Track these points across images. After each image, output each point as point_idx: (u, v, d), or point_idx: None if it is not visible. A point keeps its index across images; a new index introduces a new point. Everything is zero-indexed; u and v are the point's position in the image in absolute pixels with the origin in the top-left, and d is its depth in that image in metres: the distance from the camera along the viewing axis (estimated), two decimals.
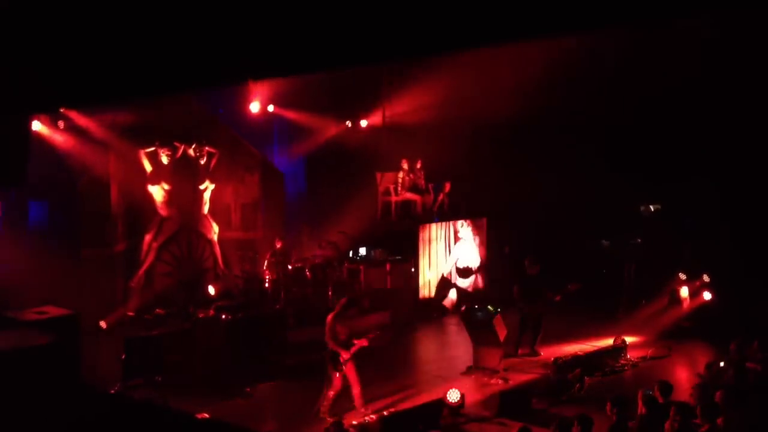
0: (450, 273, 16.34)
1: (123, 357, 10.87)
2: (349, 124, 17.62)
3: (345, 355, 9.50)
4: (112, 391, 10.22)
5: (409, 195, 16.41)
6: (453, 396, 9.76)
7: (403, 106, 17.18)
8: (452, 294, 16.22)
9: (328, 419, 9.28)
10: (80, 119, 13.79)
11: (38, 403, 3.44)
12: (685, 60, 12.92)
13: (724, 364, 9.16)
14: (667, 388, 7.83)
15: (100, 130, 14.10)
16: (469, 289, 16.50)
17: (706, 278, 13.93)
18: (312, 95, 15.92)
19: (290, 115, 16.78)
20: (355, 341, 9.57)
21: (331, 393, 9.62)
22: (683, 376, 11.01)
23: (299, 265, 14.45)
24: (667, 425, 7.00)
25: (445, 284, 16.17)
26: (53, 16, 3.86)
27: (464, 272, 16.58)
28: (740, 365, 8.89)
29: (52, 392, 3.47)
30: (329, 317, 9.67)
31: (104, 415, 3.23)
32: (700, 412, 6.95)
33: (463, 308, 12.61)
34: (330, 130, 17.49)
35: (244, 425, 9.21)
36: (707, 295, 13.81)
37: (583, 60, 13.33)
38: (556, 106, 15.19)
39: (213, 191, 15.47)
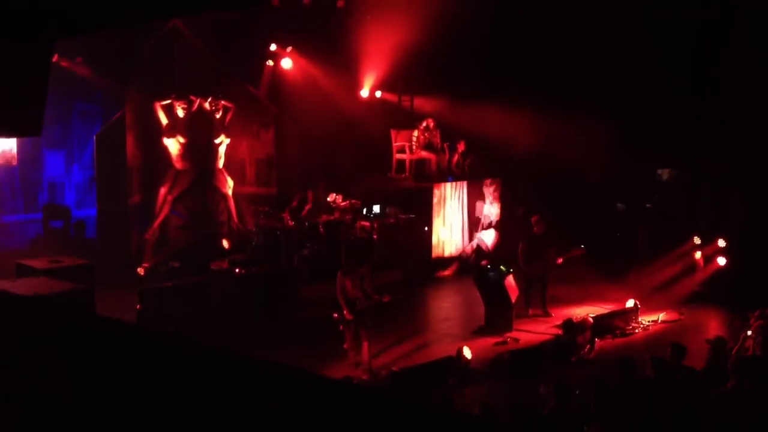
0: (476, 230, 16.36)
1: (138, 308, 10.99)
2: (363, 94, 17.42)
3: (347, 315, 9.53)
4: None
5: (423, 153, 16.31)
6: (464, 354, 9.82)
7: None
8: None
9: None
10: (97, 71, 13.78)
11: (59, 341, 3.48)
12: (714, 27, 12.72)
13: (752, 332, 8.95)
14: (680, 350, 7.78)
15: (116, 81, 14.09)
16: (485, 248, 16.49)
17: (721, 243, 13.84)
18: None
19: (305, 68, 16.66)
20: (370, 297, 9.62)
21: (365, 344, 9.71)
22: (694, 342, 10.98)
23: (314, 221, 14.47)
24: (674, 389, 6.99)
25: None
26: None
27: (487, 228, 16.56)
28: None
29: (73, 333, 3.51)
30: (339, 273, 9.71)
31: (125, 346, 3.25)
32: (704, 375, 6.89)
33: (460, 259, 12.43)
34: (343, 88, 17.34)
35: None
36: (722, 261, 13.73)
37: (603, 17, 13.12)
38: (575, 65, 15.00)
39: (228, 146, 15.44)
